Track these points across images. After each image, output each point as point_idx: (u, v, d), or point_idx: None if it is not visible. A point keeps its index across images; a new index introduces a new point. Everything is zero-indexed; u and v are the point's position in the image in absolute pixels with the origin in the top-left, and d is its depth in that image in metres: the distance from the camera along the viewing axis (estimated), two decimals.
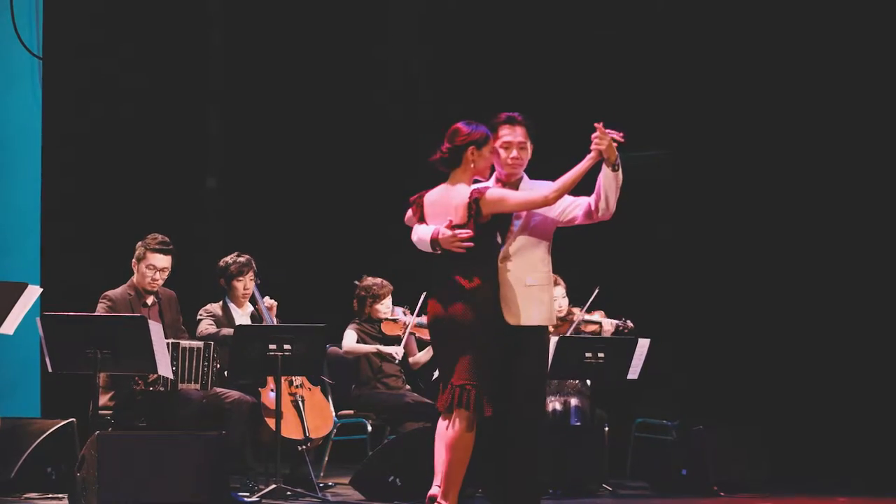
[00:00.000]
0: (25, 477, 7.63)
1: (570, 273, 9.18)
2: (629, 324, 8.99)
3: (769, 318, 10.07)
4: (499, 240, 6.36)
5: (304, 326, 7.83)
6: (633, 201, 10.32)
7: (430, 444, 6.40)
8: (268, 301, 8.41)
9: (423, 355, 8.85)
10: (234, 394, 7.90)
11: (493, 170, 6.50)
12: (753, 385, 10.02)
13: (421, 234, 6.36)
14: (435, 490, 6.25)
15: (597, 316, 9.05)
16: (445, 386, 6.25)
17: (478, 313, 6.20)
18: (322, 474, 8.87)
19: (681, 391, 9.99)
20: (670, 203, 10.40)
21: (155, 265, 7.90)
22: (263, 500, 7.61)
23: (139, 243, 7.95)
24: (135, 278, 7.97)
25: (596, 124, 6.25)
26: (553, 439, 8.37)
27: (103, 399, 7.64)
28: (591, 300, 8.92)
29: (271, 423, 7.95)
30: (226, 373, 7.93)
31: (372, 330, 8.89)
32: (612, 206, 6.35)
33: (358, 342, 8.82)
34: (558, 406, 8.91)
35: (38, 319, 7.17)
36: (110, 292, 7.90)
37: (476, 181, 6.45)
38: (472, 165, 6.32)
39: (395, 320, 8.75)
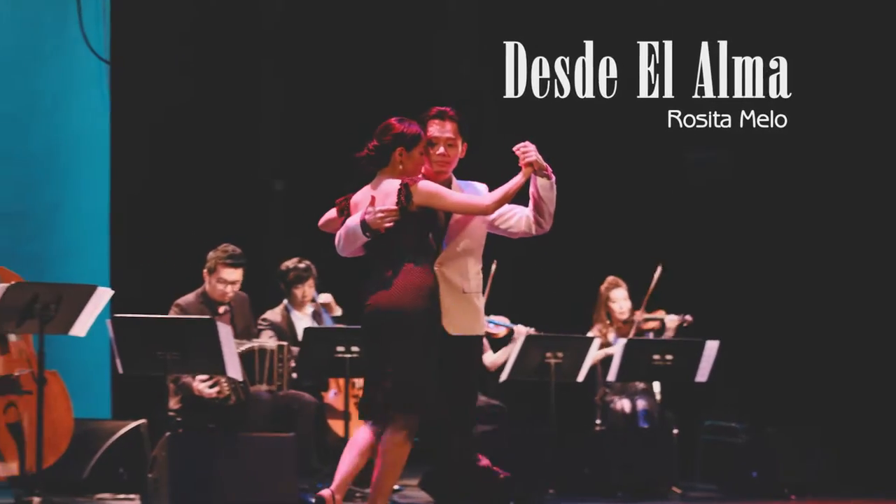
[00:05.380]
0: (97, 477, 7.71)
1: (639, 276, 9.11)
2: (688, 318, 8.92)
3: (840, 320, 9.96)
4: (433, 244, 5.98)
5: None
6: (700, 202, 10.41)
7: (499, 447, 6.39)
8: (323, 297, 8.39)
9: (500, 356, 8.78)
10: (303, 395, 7.92)
11: None
12: (824, 387, 9.92)
13: (349, 224, 5.98)
14: (326, 492, 5.74)
15: (658, 314, 8.98)
16: (380, 385, 5.76)
17: (425, 306, 5.80)
18: None
19: (750, 393, 9.91)
20: (739, 204, 10.32)
21: (226, 279, 7.85)
22: None
23: (211, 253, 7.89)
24: (206, 287, 7.95)
25: (514, 148, 5.96)
26: (621, 441, 8.33)
27: (173, 401, 7.69)
28: (648, 294, 8.79)
29: (334, 424, 7.96)
30: (294, 374, 7.95)
31: None
32: (550, 219, 6.01)
33: None
34: (626, 408, 8.84)
35: (108, 321, 7.23)
36: (181, 300, 7.86)
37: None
38: (399, 167, 5.95)
39: None
